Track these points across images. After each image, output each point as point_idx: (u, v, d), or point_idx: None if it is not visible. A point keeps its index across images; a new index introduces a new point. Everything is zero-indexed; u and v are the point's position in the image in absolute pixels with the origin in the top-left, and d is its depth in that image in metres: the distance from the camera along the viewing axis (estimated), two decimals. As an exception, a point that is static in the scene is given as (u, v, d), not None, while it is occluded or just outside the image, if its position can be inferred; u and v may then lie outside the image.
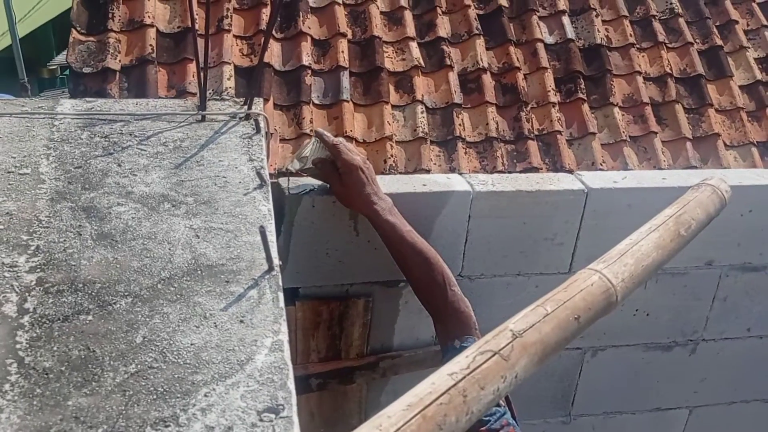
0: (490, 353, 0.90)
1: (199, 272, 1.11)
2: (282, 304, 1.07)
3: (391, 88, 3.53)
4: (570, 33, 3.75)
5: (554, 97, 3.58)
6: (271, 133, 2.96)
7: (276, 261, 1.15)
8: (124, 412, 0.86)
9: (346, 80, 3.45)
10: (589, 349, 2.00)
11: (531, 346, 0.94)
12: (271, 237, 1.18)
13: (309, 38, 3.57)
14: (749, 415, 2.20)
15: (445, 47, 3.71)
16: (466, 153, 3.50)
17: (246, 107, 1.57)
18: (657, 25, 3.82)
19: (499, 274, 1.88)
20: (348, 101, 3.41)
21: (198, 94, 1.56)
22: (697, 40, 3.89)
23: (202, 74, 1.52)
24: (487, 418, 1.38)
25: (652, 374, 2.06)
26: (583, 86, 3.62)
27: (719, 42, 3.90)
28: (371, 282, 1.82)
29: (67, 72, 5.07)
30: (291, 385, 0.93)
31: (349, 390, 1.90)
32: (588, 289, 1.05)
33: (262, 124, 1.53)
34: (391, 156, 3.43)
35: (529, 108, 3.57)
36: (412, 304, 1.85)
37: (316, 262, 1.75)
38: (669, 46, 3.84)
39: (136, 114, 1.51)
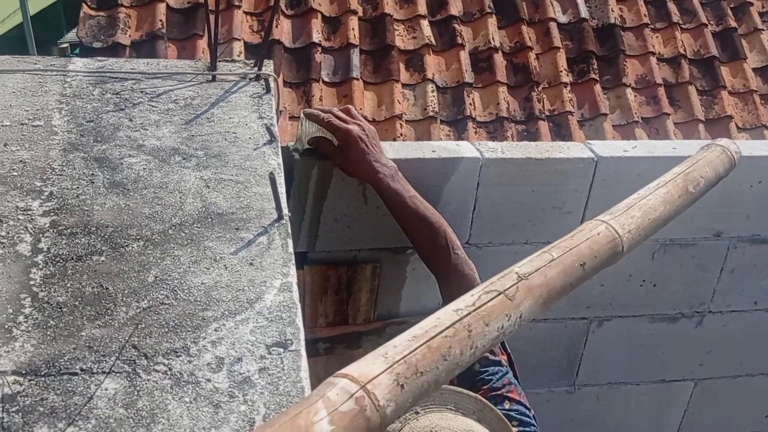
0: (495, 293, 0.91)
1: (210, 220, 1.13)
2: (291, 249, 1.09)
3: (402, 66, 3.53)
4: (584, 12, 3.73)
5: (566, 78, 3.57)
6: (281, 111, 2.96)
7: (285, 210, 1.16)
8: (136, 342, 0.88)
9: (356, 58, 3.45)
10: (595, 320, 2.01)
11: (536, 288, 0.95)
12: (281, 188, 1.20)
13: (319, 15, 3.57)
14: (754, 389, 2.19)
15: (456, 26, 3.70)
16: (476, 132, 3.49)
17: (256, 68, 1.58)
18: (671, 6, 3.80)
19: (507, 243, 1.89)
20: (358, 79, 3.42)
21: (209, 56, 1.57)
22: (712, 22, 3.86)
23: (212, 34, 1.53)
24: (489, 377, 1.39)
25: (657, 345, 2.06)
26: (595, 66, 3.61)
27: (733, 24, 3.87)
28: (379, 248, 1.83)
29: (77, 50, 5.08)
30: (299, 322, 0.94)
31: (355, 355, 1.91)
32: (594, 237, 1.06)
33: (272, 84, 1.54)
34: (401, 135, 3.43)
35: (540, 88, 3.56)
36: (419, 271, 1.86)
37: (325, 226, 1.76)
38: (683, 26, 3.82)
39: (147, 73, 1.53)
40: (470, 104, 3.56)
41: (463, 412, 1.14)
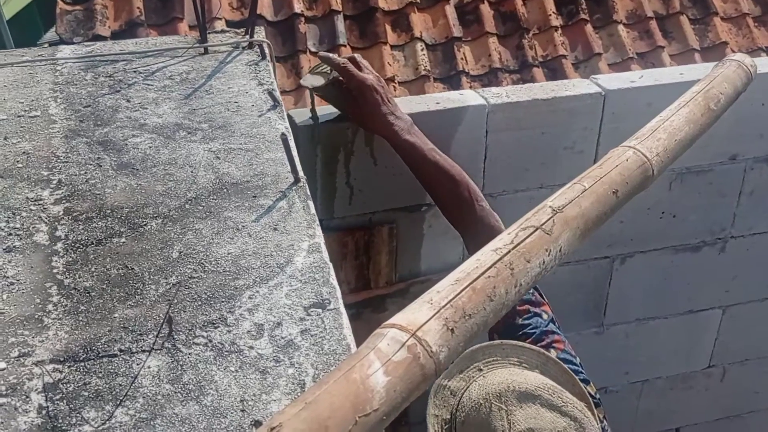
0: (532, 228, 0.88)
1: (225, 190, 1.10)
2: (313, 211, 1.05)
3: (388, 28, 3.46)
4: (567, -50, 3.64)
5: (556, 21, 3.51)
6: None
7: (301, 173, 1.12)
8: (172, 317, 0.85)
9: (341, 24, 3.38)
10: (617, 257, 1.99)
11: (572, 220, 0.92)
12: (294, 151, 1.16)
13: (300, -16, 3.48)
14: (782, 309, 2.19)
15: (439, -21, 3.61)
16: (471, 86, 3.43)
17: (248, 36, 1.53)
18: (655, -65, 3.71)
19: (522, 189, 1.86)
20: (345, 46, 3.35)
21: (198, 31, 1.52)
22: (697, -53, 3.78)
23: (198, 5, 1.48)
24: (532, 331, 1.34)
25: (682, 277, 2.04)
26: (584, 6, 3.54)
27: (720, -53, 3.79)
28: (393, 209, 1.80)
29: (58, 50, 4.96)
30: (333, 281, 0.92)
31: (382, 318, 1.89)
32: (623, 164, 1.03)
33: (267, 51, 1.49)
34: (396, 97, 3.36)
35: (531, 35, 3.49)
36: (436, 227, 1.83)
37: (336, 192, 1.73)
38: (668, -45, 3.74)
39: (137, 52, 1.48)
40: (462, 59, 3.50)
41: (527, 366, 1.11)
